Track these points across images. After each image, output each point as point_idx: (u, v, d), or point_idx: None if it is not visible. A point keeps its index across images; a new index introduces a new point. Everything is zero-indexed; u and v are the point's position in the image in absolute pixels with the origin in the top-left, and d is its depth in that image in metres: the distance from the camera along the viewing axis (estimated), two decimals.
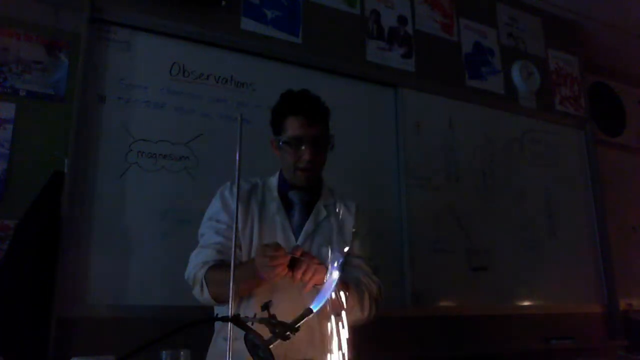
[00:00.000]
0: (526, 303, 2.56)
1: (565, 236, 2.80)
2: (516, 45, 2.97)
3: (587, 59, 3.26)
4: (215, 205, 1.41)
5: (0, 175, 1.72)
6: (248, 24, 2.15)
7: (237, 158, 0.91)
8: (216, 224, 1.37)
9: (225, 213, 1.37)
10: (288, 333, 0.86)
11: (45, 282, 1.58)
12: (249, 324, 0.85)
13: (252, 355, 0.82)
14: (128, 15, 1.90)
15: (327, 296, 0.95)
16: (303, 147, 1.33)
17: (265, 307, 0.95)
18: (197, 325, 0.78)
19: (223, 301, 1.31)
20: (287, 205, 1.41)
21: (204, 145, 1.95)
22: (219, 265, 1.31)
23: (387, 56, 2.47)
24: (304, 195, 1.42)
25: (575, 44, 3.21)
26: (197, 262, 1.33)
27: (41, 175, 1.69)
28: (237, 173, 0.91)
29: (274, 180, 1.45)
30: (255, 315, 0.93)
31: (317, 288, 1.15)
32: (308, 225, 1.39)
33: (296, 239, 1.37)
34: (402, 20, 2.57)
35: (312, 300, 1.01)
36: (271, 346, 0.82)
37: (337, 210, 1.46)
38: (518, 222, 2.66)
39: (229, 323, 0.81)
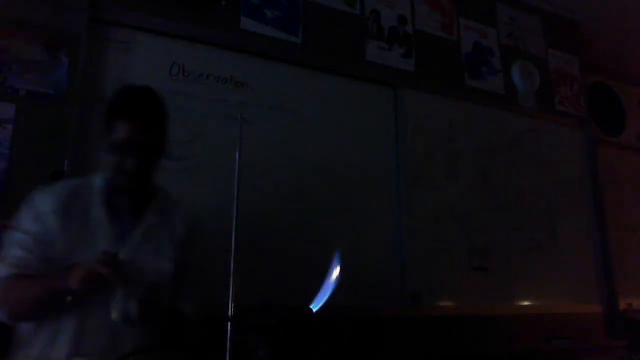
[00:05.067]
0: (526, 303, 2.56)
1: (565, 236, 2.80)
2: (516, 45, 2.96)
3: (587, 59, 3.26)
4: (22, 214, 1.24)
5: (0, 176, 1.71)
6: (248, 24, 2.15)
7: (237, 158, 0.91)
8: (20, 235, 1.21)
9: (34, 222, 1.21)
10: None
11: None
12: None
13: (251, 356, 0.82)
14: (128, 15, 1.90)
15: (327, 296, 0.95)
16: (131, 154, 1.22)
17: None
18: (197, 325, 0.78)
19: (24, 318, 1.19)
20: (113, 211, 1.27)
21: (204, 145, 1.95)
22: (17, 279, 1.16)
23: (387, 56, 2.47)
24: (132, 200, 1.30)
25: (575, 44, 3.21)
26: None
27: (41, 175, 1.69)
28: (236, 173, 0.91)
29: (98, 182, 1.30)
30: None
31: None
32: (137, 235, 1.28)
33: (122, 248, 1.23)
34: (402, 20, 2.57)
35: (127, 330, 1.09)
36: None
37: (168, 217, 1.36)
38: (518, 222, 2.66)
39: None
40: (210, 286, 1.59)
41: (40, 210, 1.22)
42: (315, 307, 0.92)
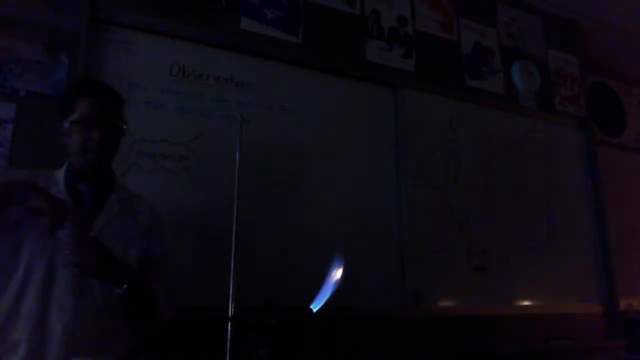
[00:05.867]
0: (526, 303, 2.56)
1: (565, 236, 2.80)
2: (516, 45, 2.96)
3: (587, 59, 3.26)
4: None
5: None
6: (248, 24, 2.15)
7: (237, 158, 0.91)
8: None
9: None
10: None
11: None
12: None
13: (251, 356, 0.82)
14: (128, 15, 1.90)
15: (327, 296, 0.95)
16: (94, 129, 1.27)
17: None
18: (197, 325, 0.78)
19: None
20: (76, 200, 1.28)
21: (204, 145, 1.95)
22: None
23: (387, 56, 2.47)
24: (95, 188, 1.30)
25: (575, 44, 3.21)
26: None
27: None
28: (236, 173, 0.91)
29: (59, 173, 1.33)
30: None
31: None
32: (101, 221, 1.29)
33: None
34: (402, 20, 2.57)
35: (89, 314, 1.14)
36: None
37: (130, 208, 1.38)
38: (518, 223, 2.66)
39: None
40: (210, 286, 1.59)
41: None
42: (315, 307, 0.92)
